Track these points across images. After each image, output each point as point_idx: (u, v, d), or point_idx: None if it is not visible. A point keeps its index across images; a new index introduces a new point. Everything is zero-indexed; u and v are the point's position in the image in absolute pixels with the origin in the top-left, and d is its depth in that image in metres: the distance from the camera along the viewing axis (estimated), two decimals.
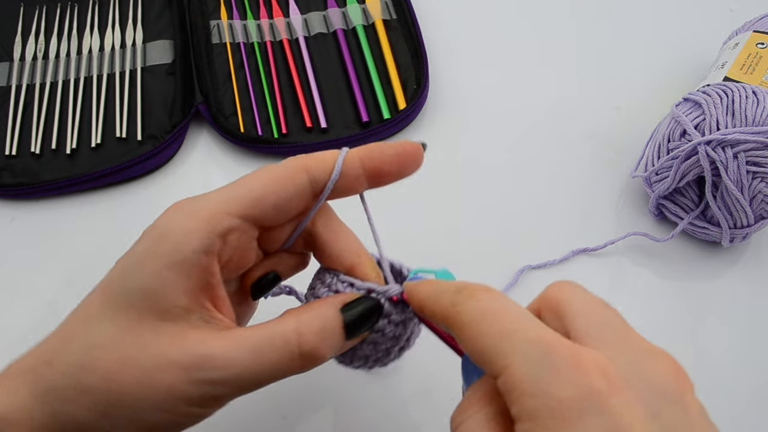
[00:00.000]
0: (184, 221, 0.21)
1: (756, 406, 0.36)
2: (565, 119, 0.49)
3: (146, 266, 0.21)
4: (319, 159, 0.23)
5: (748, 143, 0.35)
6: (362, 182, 0.24)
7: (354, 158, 0.23)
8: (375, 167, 0.23)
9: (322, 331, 0.22)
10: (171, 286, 0.21)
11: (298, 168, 0.23)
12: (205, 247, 0.21)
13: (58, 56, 0.50)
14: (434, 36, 0.53)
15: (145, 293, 0.21)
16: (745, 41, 0.45)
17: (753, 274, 0.42)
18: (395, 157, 0.23)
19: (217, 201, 0.22)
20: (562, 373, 0.16)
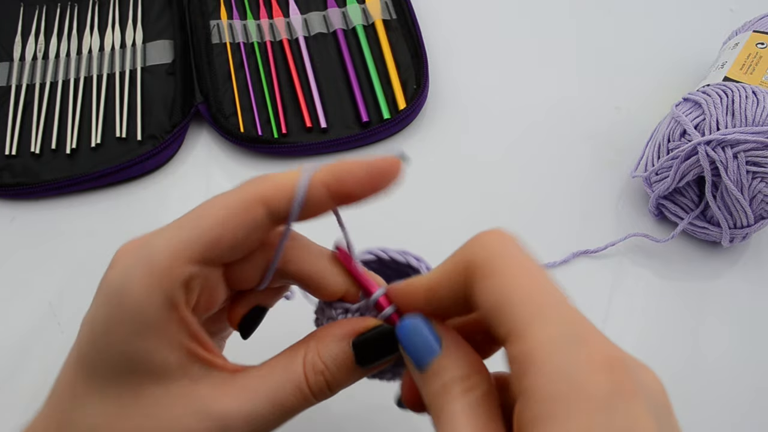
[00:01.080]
0: (139, 277, 0.19)
1: (756, 407, 0.36)
2: (565, 119, 0.49)
3: (116, 333, 0.19)
4: (277, 186, 0.20)
5: (748, 143, 0.35)
6: (329, 206, 0.21)
7: (317, 184, 0.20)
8: (342, 191, 0.20)
9: (329, 370, 0.21)
10: (151, 349, 0.19)
11: (254, 200, 0.20)
12: (170, 302, 0.19)
13: (58, 56, 0.50)
14: (434, 36, 0.53)
15: (128, 362, 0.19)
16: (745, 41, 0.45)
17: (753, 274, 0.42)
18: (366, 178, 0.20)
19: (171, 247, 0.19)
20: (596, 365, 0.16)
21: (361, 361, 0.21)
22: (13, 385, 0.37)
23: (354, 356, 0.21)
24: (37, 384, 0.37)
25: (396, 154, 0.21)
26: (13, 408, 0.36)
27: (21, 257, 0.42)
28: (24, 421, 0.21)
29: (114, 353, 0.19)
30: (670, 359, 0.38)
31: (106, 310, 0.19)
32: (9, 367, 0.38)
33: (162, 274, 0.19)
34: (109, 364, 0.19)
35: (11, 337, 0.39)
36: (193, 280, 0.20)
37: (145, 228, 0.24)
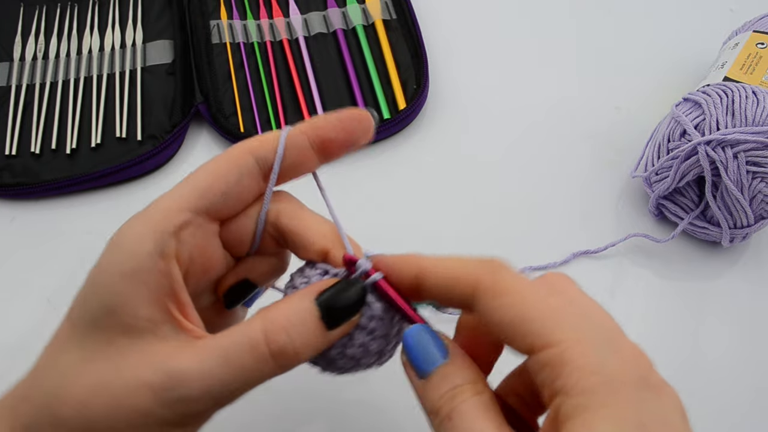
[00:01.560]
0: (135, 227, 0.21)
1: (756, 407, 0.36)
2: (565, 119, 0.49)
3: (103, 281, 0.20)
4: (262, 138, 0.23)
5: (748, 143, 0.35)
6: (311, 156, 0.23)
7: (298, 132, 0.23)
8: (320, 137, 0.22)
9: (291, 327, 0.20)
10: (130, 297, 0.20)
11: (242, 151, 0.22)
12: (160, 248, 0.20)
13: (58, 56, 0.50)
14: (434, 36, 0.53)
15: (106, 310, 0.20)
16: (745, 41, 0.45)
17: (753, 274, 0.42)
18: (339, 123, 0.22)
19: (165, 200, 0.21)
20: (626, 358, 0.17)
21: (326, 316, 0.20)
22: (12, 384, 0.37)
23: (318, 313, 0.20)
24: None
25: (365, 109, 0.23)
26: None
27: (21, 257, 0.42)
28: None
29: (98, 299, 0.20)
30: (670, 359, 0.38)
31: (102, 260, 0.21)
32: (9, 367, 0.37)
33: (155, 222, 0.20)
34: (91, 314, 0.20)
35: (11, 336, 0.39)
36: (185, 229, 0.21)
37: None
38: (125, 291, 0.20)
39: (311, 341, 0.20)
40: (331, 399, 0.36)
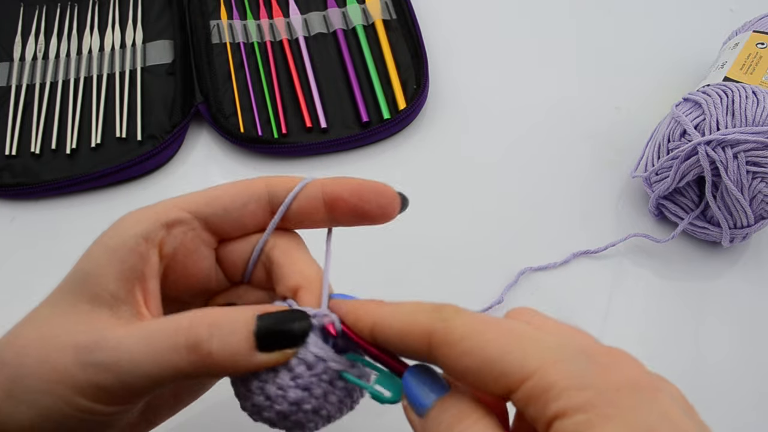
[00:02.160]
0: (136, 213, 0.23)
1: (757, 407, 0.36)
2: (565, 119, 0.49)
3: (90, 251, 0.22)
4: (284, 178, 0.24)
5: (748, 143, 0.35)
6: (320, 209, 0.23)
7: (316, 184, 0.23)
8: (333, 193, 0.23)
9: (216, 326, 0.19)
10: (104, 268, 0.21)
11: (260, 181, 0.24)
12: (146, 233, 0.22)
13: (58, 56, 0.50)
14: (434, 36, 0.53)
15: (82, 276, 0.22)
16: (745, 41, 0.45)
17: (753, 274, 0.42)
18: (357, 186, 0.22)
19: (173, 198, 0.23)
20: (607, 366, 0.17)
21: (262, 334, 0.20)
22: None
23: (254, 327, 0.20)
24: None
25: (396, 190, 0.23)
26: None
27: (21, 257, 0.42)
28: None
29: (79, 266, 0.22)
30: (670, 359, 0.38)
31: (102, 236, 0.23)
32: None
33: (153, 210, 0.22)
34: (71, 276, 0.22)
35: None
36: (177, 225, 0.23)
37: None
38: (102, 262, 0.21)
39: (232, 348, 0.19)
40: None
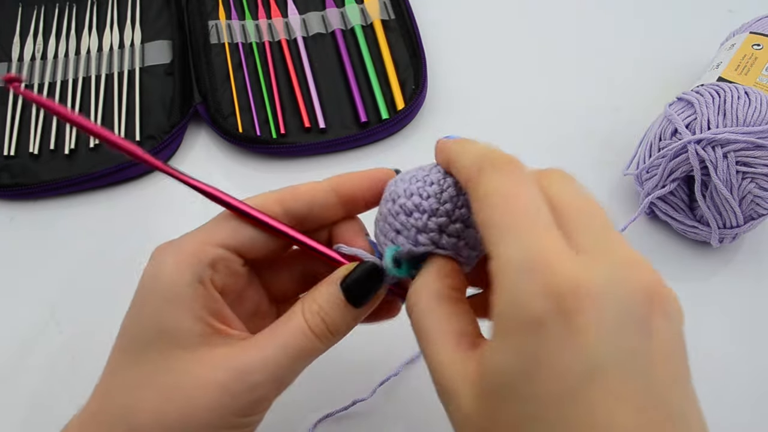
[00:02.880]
0: (172, 259, 0.23)
1: (751, 406, 0.37)
2: (564, 119, 0.49)
3: (149, 308, 0.22)
4: (292, 192, 0.24)
5: (739, 143, 0.36)
6: (338, 211, 0.25)
7: (326, 186, 0.24)
8: (347, 193, 0.24)
9: (325, 313, 0.23)
10: (178, 320, 0.22)
11: (272, 201, 0.24)
12: (198, 276, 0.22)
13: (56, 56, 0.50)
14: (433, 36, 0.53)
15: (157, 332, 0.22)
16: (742, 42, 0.45)
17: (745, 275, 0.42)
18: (367, 182, 0.24)
19: (198, 236, 0.23)
20: (537, 286, 0.17)
21: (351, 298, 0.23)
22: (12, 385, 0.37)
23: (344, 295, 0.23)
24: (37, 384, 0.37)
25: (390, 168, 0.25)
26: (13, 408, 0.36)
27: (20, 257, 0.42)
28: None
29: (146, 324, 0.22)
30: None
31: (143, 291, 0.23)
32: (8, 367, 0.38)
33: (190, 255, 0.23)
34: (141, 335, 0.23)
35: (10, 337, 0.39)
36: (219, 261, 0.23)
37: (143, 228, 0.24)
38: (172, 316, 0.22)
39: (344, 320, 0.23)
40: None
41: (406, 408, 0.36)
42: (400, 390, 0.36)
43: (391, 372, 0.36)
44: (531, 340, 0.16)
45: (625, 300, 0.17)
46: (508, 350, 0.17)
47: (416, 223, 0.23)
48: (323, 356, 0.37)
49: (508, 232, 0.18)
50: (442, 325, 0.20)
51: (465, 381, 0.19)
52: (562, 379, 0.16)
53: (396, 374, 0.36)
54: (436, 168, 0.24)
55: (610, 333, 0.16)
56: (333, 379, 0.36)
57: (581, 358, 0.16)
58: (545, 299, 0.16)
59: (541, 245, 0.17)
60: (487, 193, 0.19)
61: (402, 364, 0.36)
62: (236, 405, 0.22)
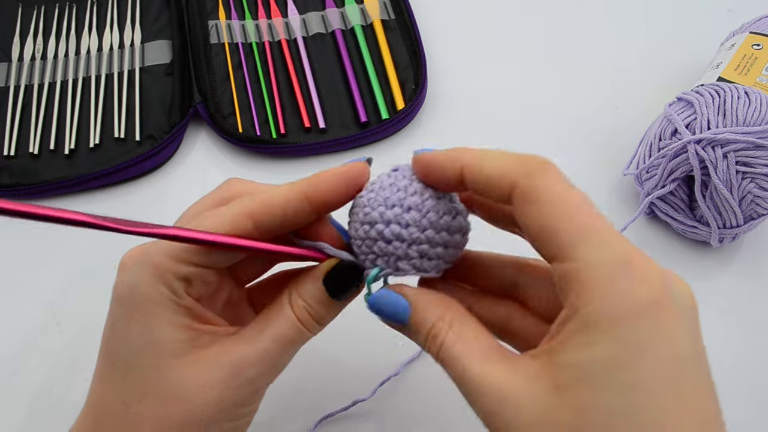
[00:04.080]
0: (146, 272, 0.22)
1: (751, 406, 0.37)
2: (564, 119, 0.49)
3: (132, 323, 0.23)
4: (264, 204, 0.23)
5: (738, 143, 0.36)
6: (310, 217, 0.24)
7: (299, 195, 0.23)
8: (321, 200, 0.23)
9: (310, 307, 0.24)
10: (163, 330, 0.22)
11: (243, 216, 0.23)
12: (174, 291, 0.23)
13: (56, 56, 0.50)
14: (433, 36, 0.53)
15: (146, 344, 0.22)
16: (741, 42, 0.45)
17: (745, 275, 0.42)
18: (341, 185, 0.23)
19: (170, 252, 0.23)
20: (635, 282, 0.18)
21: (333, 294, 0.24)
22: (12, 385, 0.37)
23: (326, 291, 0.24)
24: (37, 383, 0.37)
25: (362, 159, 0.24)
26: (13, 407, 0.36)
27: (20, 257, 0.42)
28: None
29: (132, 339, 0.23)
30: None
31: (122, 306, 0.23)
32: (9, 366, 0.38)
33: (165, 271, 0.22)
34: (128, 349, 0.23)
35: (11, 337, 0.39)
36: (192, 277, 0.23)
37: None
38: (157, 328, 0.22)
39: (328, 311, 0.25)
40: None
41: (407, 408, 0.36)
42: (400, 390, 0.36)
43: (392, 372, 0.36)
44: (629, 332, 0.17)
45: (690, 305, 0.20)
46: (602, 343, 0.17)
47: (396, 251, 0.23)
48: (324, 357, 0.37)
49: (593, 234, 0.18)
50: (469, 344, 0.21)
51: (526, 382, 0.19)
52: (658, 367, 0.17)
53: (396, 374, 0.36)
54: (412, 186, 0.23)
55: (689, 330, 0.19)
56: (334, 379, 0.37)
57: (673, 348, 0.17)
58: (645, 292, 0.18)
59: (626, 245, 0.18)
60: (552, 195, 0.19)
61: (402, 364, 0.36)
62: (236, 397, 0.23)
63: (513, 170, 0.20)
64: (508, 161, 0.21)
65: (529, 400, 0.18)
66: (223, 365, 0.23)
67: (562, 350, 0.18)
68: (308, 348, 0.26)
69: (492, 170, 0.21)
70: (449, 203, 0.23)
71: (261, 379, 0.24)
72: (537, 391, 0.18)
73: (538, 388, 0.18)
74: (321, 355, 0.37)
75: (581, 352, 0.18)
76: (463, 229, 0.24)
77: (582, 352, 0.18)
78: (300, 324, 0.24)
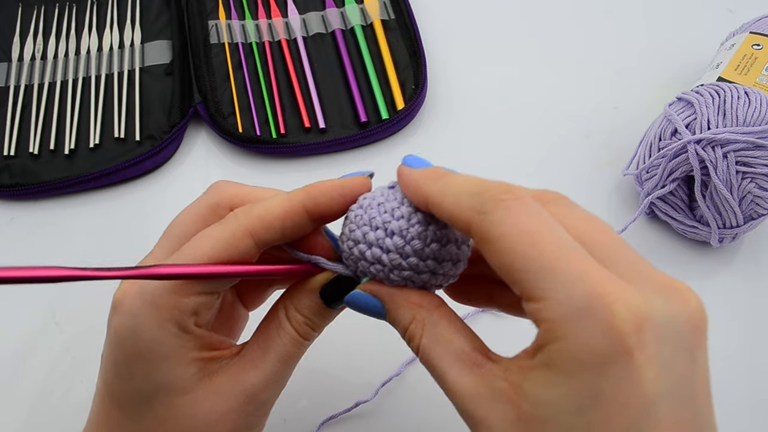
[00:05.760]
0: (151, 314, 0.22)
1: (751, 407, 0.37)
2: (564, 119, 0.49)
3: (138, 367, 0.22)
4: (263, 220, 0.22)
5: (738, 143, 0.36)
6: (309, 228, 0.24)
7: (298, 208, 0.23)
8: (321, 213, 0.23)
9: (309, 320, 0.25)
10: (173, 370, 0.22)
11: (242, 235, 0.22)
12: (183, 327, 0.22)
13: (56, 56, 0.50)
14: (432, 36, 0.53)
15: (155, 386, 0.22)
16: (741, 42, 0.45)
17: (746, 275, 0.42)
18: (341, 199, 0.23)
19: (173, 287, 0.22)
20: (601, 324, 0.16)
21: (330, 304, 0.24)
22: (13, 385, 0.37)
23: (323, 302, 0.24)
24: (37, 384, 0.37)
25: (365, 173, 0.24)
26: (13, 408, 0.36)
27: (20, 257, 0.42)
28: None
29: (140, 381, 0.22)
30: None
31: (125, 351, 0.22)
32: (9, 367, 0.38)
33: (172, 309, 0.22)
34: (137, 392, 0.22)
35: (11, 337, 0.39)
36: (199, 307, 0.23)
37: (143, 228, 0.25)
38: (166, 370, 0.22)
39: (326, 319, 0.25)
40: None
41: (408, 408, 0.36)
42: (401, 390, 0.36)
43: (393, 372, 0.36)
44: (593, 378, 0.16)
45: (680, 332, 0.17)
46: (564, 385, 0.17)
47: (378, 274, 0.22)
48: (326, 359, 0.37)
49: (552, 274, 0.17)
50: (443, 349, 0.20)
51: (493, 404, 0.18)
52: (621, 415, 0.16)
53: (398, 374, 0.36)
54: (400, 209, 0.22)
55: (666, 366, 0.16)
56: (335, 381, 0.37)
57: (641, 393, 0.16)
58: (609, 340, 0.16)
59: (593, 282, 0.17)
60: (505, 235, 0.18)
61: (404, 364, 0.36)
62: (250, 421, 0.24)
63: (468, 207, 0.19)
64: (465, 197, 0.19)
65: (493, 421, 0.18)
66: (237, 394, 0.23)
67: (528, 379, 0.18)
68: (309, 351, 0.26)
69: (451, 207, 0.19)
70: (441, 230, 0.22)
71: (272, 398, 0.25)
72: (500, 412, 0.18)
73: (501, 410, 0.18)
74: (322, 357, 0.37)
75: (543, 390, 0.17)
76: (454, 258, 0.22)
77: (544, 391, 0.17)
78: (301, 338, 0.24)
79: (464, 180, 0.20)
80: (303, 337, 0.24)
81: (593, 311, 0.16)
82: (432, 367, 0.20)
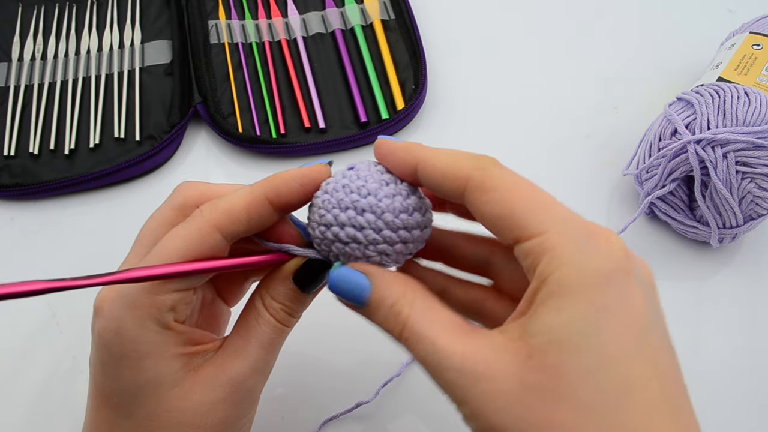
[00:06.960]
0: (130, 315, 0.22)
1: (750, 407, 0.37)
2: (564, 119, 0.49)
3: (123, 368, 0.23)
4: (228, 213, 0.23)
5: (738, 143, 0.36)
6: (274, 218, 0.24)
7: (260, 199, 0.23)
8: (283, 203, 0.24)
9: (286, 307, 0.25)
10: (158, 366, 0.23)
11: (209, 230, 0.23)
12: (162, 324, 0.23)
13: (56, 56, 0.50)
14: (432, 36, 0.53)
15: (143, 384, 0.23)
16: (741, 42, 0.45)
17: (745, 275, 0.42)
18: (301, 188, 0.24)
19: (145, 285, 0.23)
20: (601, 249, 0.19)
21: (304, 288, 0.25)
22: (13, 386, 0.37)
23: (297, 287, 0.25)
24: (37, 384, 0.37)
25: (324, 161, 0.25)
26: (13, 408, 0.36)
27: (20, 257, 0.42)
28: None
29: (127, 382, 0.23)
30: None
31: (110, 353, 0.23)
32: (9, 367, 0.38)
33: (150, 308, 0.22)
34: (125, 391, 0.23)
35: (11, 337, 0.39)
36: (177, 303, 0.23)
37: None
38: (151, 368, 0.23)
39: (302, 304, 0.26)
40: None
41: (410, 408, 0.36)
42: (402, 390, 0.36)
43: (393, 372, 0.36)
44: (598, 294, 0.18)
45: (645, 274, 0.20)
46: (572, 306, 0.18)
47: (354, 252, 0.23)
48: (327, 360, 0.37)
49: (552, 210, 0.19)
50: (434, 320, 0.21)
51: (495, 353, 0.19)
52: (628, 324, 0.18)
53: (398, 374, 0.36)
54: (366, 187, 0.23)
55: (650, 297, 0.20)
56: (336, 381, 0.37)
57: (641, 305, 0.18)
58: (611, 261, 0.19)
59: (586, 220, 0.20)
60: (506, 182, 0.20)
61: (403, 364, 0.36)
62: (239, 410, 0.24)
63: (466, 165, 0.21)
64: (462, 157, 0.22)
65: (499, 370, 0.18)
66: (223, 384, 0.24)
67: (532, 319, 0.19)
68: (309, 351, 0.26)
69: (446, 165, 0.21)
70: (406, 200, 0.23)
71: (258, 386, 0.25)
72: (506, 360, 0.19)
73: (506, 357, 0.19)
74: (323, 358, 0.37)
75: (553, 317, 0.18)
76: (421, 225, 0.24)
77: (554, 317, 0.18)
78: (280, 324, 0.25)
79: (451, 150, 0.22)
80: (281, 323, 0.25)
81: (594, 238, 0.19)
82: (421, 339, 0.20)
